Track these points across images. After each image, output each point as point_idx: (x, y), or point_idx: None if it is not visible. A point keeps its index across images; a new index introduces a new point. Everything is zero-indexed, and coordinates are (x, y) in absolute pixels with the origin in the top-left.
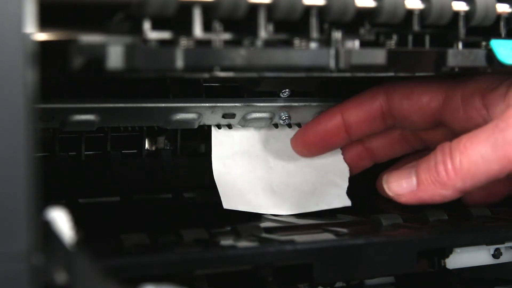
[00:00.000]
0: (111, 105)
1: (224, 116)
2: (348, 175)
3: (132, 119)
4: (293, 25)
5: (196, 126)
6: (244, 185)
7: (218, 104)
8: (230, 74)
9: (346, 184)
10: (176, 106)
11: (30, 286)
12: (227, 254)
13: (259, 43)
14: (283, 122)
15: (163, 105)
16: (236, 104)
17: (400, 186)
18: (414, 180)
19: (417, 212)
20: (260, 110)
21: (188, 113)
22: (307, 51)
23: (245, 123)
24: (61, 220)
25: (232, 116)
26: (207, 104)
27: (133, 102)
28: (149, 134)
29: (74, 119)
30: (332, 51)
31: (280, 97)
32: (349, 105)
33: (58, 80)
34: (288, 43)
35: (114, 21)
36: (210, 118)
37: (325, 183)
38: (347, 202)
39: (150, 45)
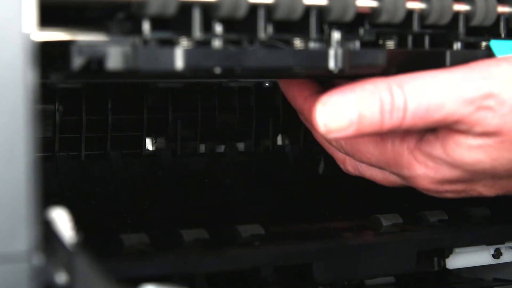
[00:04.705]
0: None
1: None
2: None
3: None
4: (293, 25)
5: None
6: None
7: None
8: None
9: None
10: None
11: (30, 286)
12: (227, 254)
13: (259, 43)
14: None
15: None
16: None
17: None
18: None
19: (417, 212)
20: None
21: None
22: (306, 52)
23: None
24: (61, 220)
25: None
26: None
27: None
28: (149, 134)
29: None
30: (332, 52)
31: None
32: None
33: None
34: (288, 43)
35: (114, 21)
36: None
37: None
38: None
39: (150, 45)
